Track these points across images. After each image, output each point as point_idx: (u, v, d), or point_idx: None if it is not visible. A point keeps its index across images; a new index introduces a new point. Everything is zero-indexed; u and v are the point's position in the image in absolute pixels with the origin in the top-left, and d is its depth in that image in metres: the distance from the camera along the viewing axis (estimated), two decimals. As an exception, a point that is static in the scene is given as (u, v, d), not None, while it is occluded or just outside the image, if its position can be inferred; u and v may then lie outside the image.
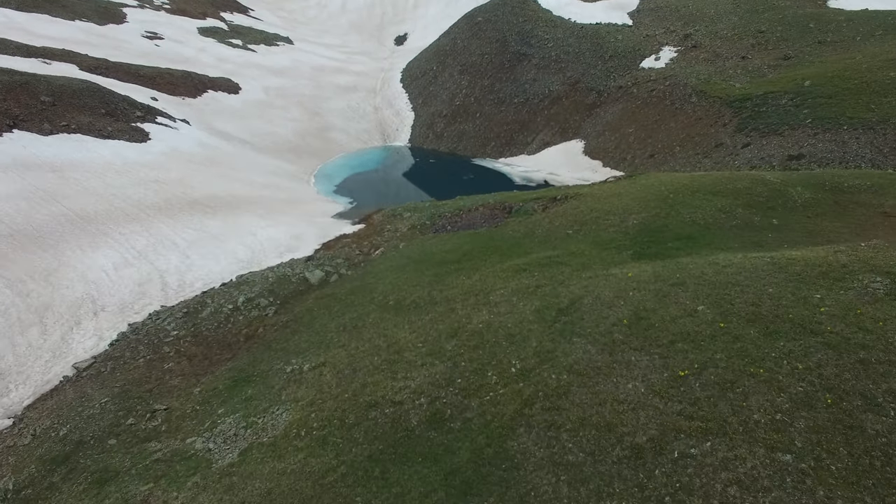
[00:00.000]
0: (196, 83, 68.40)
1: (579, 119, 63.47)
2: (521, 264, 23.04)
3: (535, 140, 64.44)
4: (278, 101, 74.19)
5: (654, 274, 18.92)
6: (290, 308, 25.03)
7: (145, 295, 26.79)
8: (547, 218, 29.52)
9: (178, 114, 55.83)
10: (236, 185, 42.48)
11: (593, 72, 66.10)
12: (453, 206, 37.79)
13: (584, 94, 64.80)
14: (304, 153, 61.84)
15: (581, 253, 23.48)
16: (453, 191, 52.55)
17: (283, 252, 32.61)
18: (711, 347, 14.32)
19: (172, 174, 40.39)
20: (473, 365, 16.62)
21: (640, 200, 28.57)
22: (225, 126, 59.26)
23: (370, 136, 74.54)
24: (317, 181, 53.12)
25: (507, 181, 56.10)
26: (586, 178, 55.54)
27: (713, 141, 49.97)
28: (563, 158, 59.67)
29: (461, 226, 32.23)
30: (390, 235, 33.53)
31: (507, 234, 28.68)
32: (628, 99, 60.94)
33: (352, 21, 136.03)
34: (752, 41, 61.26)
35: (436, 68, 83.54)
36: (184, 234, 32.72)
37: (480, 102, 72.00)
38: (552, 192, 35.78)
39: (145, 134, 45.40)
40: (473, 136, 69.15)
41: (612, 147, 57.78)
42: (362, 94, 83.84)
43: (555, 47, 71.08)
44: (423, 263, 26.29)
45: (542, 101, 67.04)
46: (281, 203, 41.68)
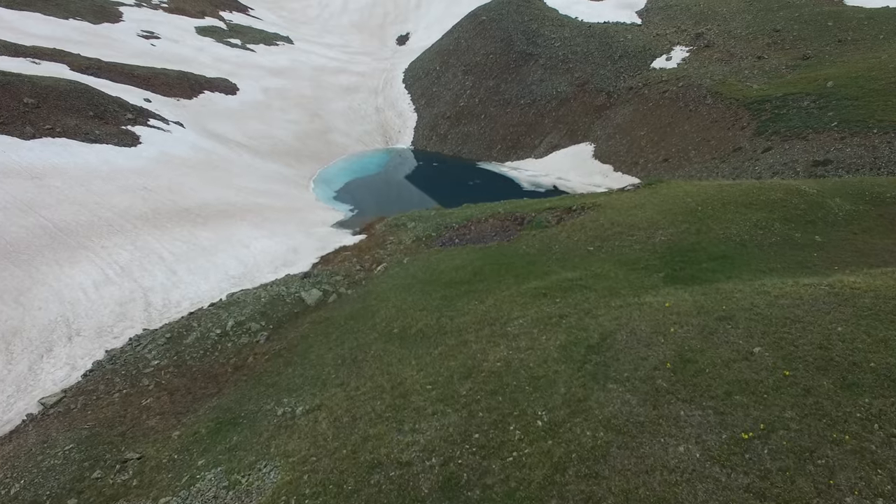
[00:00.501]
0: (192, 84, 66.00)
1: (588, 121, 61.00)
2: (541, 288, 20.62)
3: (543, 143, 61.97)
4: (277, 102, 71.79)
5: (696, 304, 16.50)
6: (284, 333, 22.62)
7: (126, 317, 24.39)
8: (564, 232, 27.08)
9: (173, 116, 53.42)
10: (230, 192, 40.07)
11: (602, 72, 63.62)
12: (460, 216, 35.36)
13: (594, 96, 62.33)
14: (304, 156, 59.43)
15: (606, 275, 21.04)
16: (459, 197, 50.06)
17: (279, 267, 30.21)
18: (778, 402, 11.86)
19: (162, 181, 38.00)
20: (492, 415, 14.21)
21: (665, 213, 26.14)
22: (221, 128, 56.86)
23: (372, 139, 72.11)
24: (316, 186, 50.70)
25: (514, 186, 53.66)
26: (597, 183, 53.11)
27: (731, 145, 47.50)
28: (572, 162, 57.21)
29: (470, 239, 29.79)
30: (393, 248, 31.11)
31: (520, 249, 26.24)
32: (639, 100, 58.47)
33: (353, 21, 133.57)
34: (768, 40, 58.75)
35: (439, 68, 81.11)
36: (172, 246, 30.32)
37: (485, 103, 69.54)
38: (566, 202, 33.33)
39: (135, 137, 43.01)
40: (478, 139, 66.69)
41: (623, 150, 55.31)
42: (364, 95, 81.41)
43: (562, 47, 68.60)
44: (431, 283, 23.86)
45: (549, 102, 64.56)
46: (277, 211, 39.27)
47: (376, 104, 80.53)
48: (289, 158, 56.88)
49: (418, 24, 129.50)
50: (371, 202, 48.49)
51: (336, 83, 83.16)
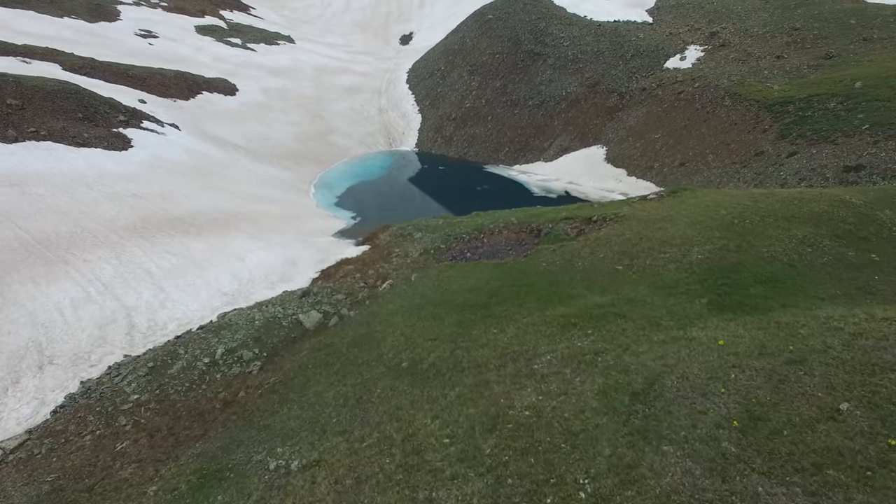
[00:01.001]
0: (190, 84, 63.63)
1: (600, 123, 58.50)
2: (568, 315, 18.19)
3: (553, 146, 59.50)
4: (278, 102, 69.39)
5: (755, 342, 14.12)
6: (280, 363, 20.21)
7: (106, 341, 22.00)
8: (586, 247, 24.62)
9: (168, 117, 51.04)
10: (226, 199, 37.67)
11: (614, 72, 61.13)
12: (471, 226, 32.92)
13: (605, 97, 59.84)
14: (304, 159, 57.02)
15: (641, 300, 18.60)
16: (466, 203, 47.52)
17: (275, 282, 27.81)
18: (888, 485, 9.42)
19: (153, 187, 35.60)
20: (524, 483, 11.79)
21: (698, 227, 23.68)
22: (218, 130, 54.46)
23: (375, 141, 69.68)
24: (317, 192, 48.27)
25: (524, 192, 51.20)
26: (610, 188, 50.64)
27: (752, 149, 45.00)
28: (583, 166, 54.73)
29: (483, 253, 27.34)
30: (399, 262, 28.66)
31: (540, 266, 23.79)
32: (653, 102, 55.98)
33: (356, 20, 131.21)
34: (787, 39, 56.22)
35: (444, 68, 78.69)
36: (160, 260, 27.92)
37: (492, 105, 67.08)
38: (585, 211, 30.87)
39: (127, 141, 40.62)
40: (485, 141, 64.23)
41: (637, 154, 52.82)
42: (367, 96, 79.00)
43: (571, 46, 66.12)
44: (442, 306, 21.43)
45: (558, 103, 62.08)
46: (275, 219, 36.86)
47: (379, 105, 78.13)
48: (289, 161, 54.46)
49: (422, 23, 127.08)
50: (374, 209, 46.06)
51: (338, 83, 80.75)
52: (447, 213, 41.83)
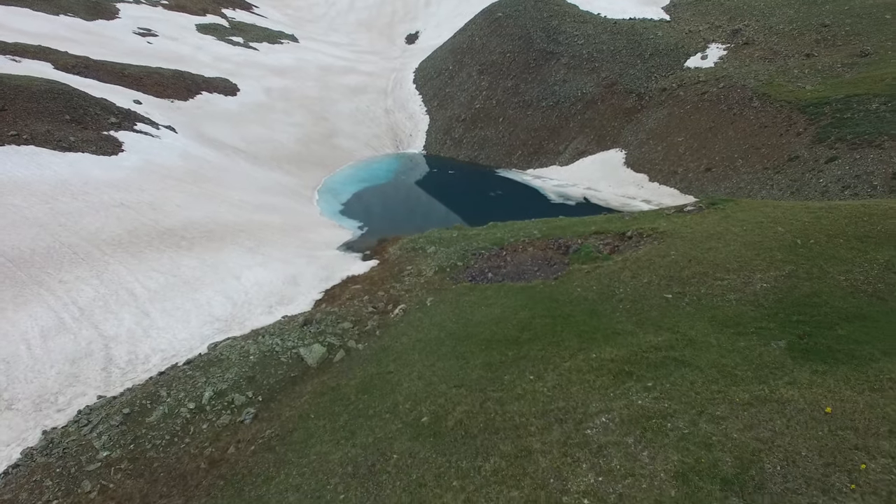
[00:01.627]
0: (188, 84, 60.70)
1: (618, 125, 55.35)
2: (619, 360, 15.15)
3: (568, 149, 56.37)
4: (280, 103, 66.40)
5: (876, 412, 11.20)
6: (277, 409, 17.21)
7: (78, 379, 19.04)
8: (626, 269, 21.51)
9: (164, 119, 48.10)
10: (223, 208, 34.66)
11: (632, 72, 57.95)
12: (489, 238, 29.86)
13: (623, 98, 56.68)
14: (307, 163, 54.01)
15: (705, 341, 15.52)
16: (480, 210, 44.61)
17: (274, 305, 24.80)
18: None
19: (144, 195, 32.63)
20: None
21: (756, 248, 20.56)
22: (218, 133, 51.49)
23: (381, 143, 66.65)
24: (320, 198, 45.25)
25: (540, 198, 48.06)
26: (631, 194, 47.50)
27: (785, 153, 41.82)
28: (601, 171, 51.59)
29: (507, 274, 24.26)
30: (412, 282, 25.62)
31: (574, 292, 20.70)
32: (675, 103, 52.79)
33: (361, 19, 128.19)
34: (816, 36, 52.96)
35: (452, 68, 75.58)
36: (147, 279, 24.94)
37: (503, 105, 63.96)
38: (616, 225, 27.77)
39: (117, 145, 37.67)
40: (496, 144, 61.12)
41: (658, 158, 49.66)
42: (372, 96, 75.97)
43: (586, 45, 62.94)
44: (466, 341, 18.40)
45: (574, 104, 58.93)
46: (276, 231, 33.83)
47: (385, 106, 75.10)
48: (291, 166, 51.46)
49: (428, 22, 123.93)
50: (382, 217, 43.00)
51: (343, 83, 77.74)
52: (460, 222, 38.83)
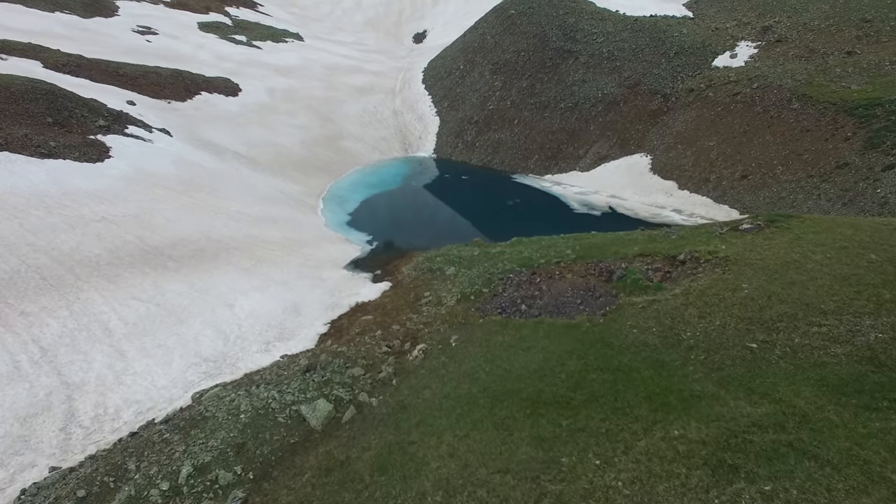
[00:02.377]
0: (187, 84, 57.16)
1: (642, 129, 51.52)
2: (712, 442, 11.46)
3: (589, 153, 52.56)
4: (284, 104, 62.81)
5: None
6: (272, 493, 13.57)
7: (28, 444, 15.47)
8: (689, 306, 17.78)
9: (159, 121, 44.56)
10: (217, 222, 31.05)
11: (656, 71, 54.10)
12: (516, 258, 26.18)
13: (647, 99, 52.84)
14: (312, 168, 50.38)
15: (824, 418, 11.80)
16: (499, 221, 40.85)
17: (272, 341, 21.19)
18: None
19: (130, 207, 29.06)
20: None
21: (851, 283, 16.78)
22: (216, 136, 47.89)
23: (389, 146, 63.00)
24: (325, 207, 41.55)
25: (561, 207, 44.26)
26: (660, 203, 43.69)
27: (832, 160, 37.97)
28: (626, 177, 47.79)
29: (544, 306, 20.54)
30: (432, 313, 21.96)
31: (630, 335, 17.00)
32: (704, 104, 48.93)
33: (367, 18, 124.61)
34: (857, 32, 49.01)
35: (463, 67, 71.87)
36: (125, 309, 21.37)
37: (518, 107, 60.20)
38: (663, 246, 24.02)
39: (104, 150, 34.11)
40: (512, 147, 57.35)
41: (688, 164, 45.83)
42: (380, 97, 72.29)
43: (606, 43, 59.11)
44: (505, 400, 14.75)
45: (594, 106, 55.12)
46: (276, 247, 30.19)
47: (394, 107, 71.42)
48: (294, 171, 47.82)
49: (435, 21, 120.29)
50: (393, 228, 39.25)
51: (349, 83, 74.09)
52: (479, 235, 35.10)
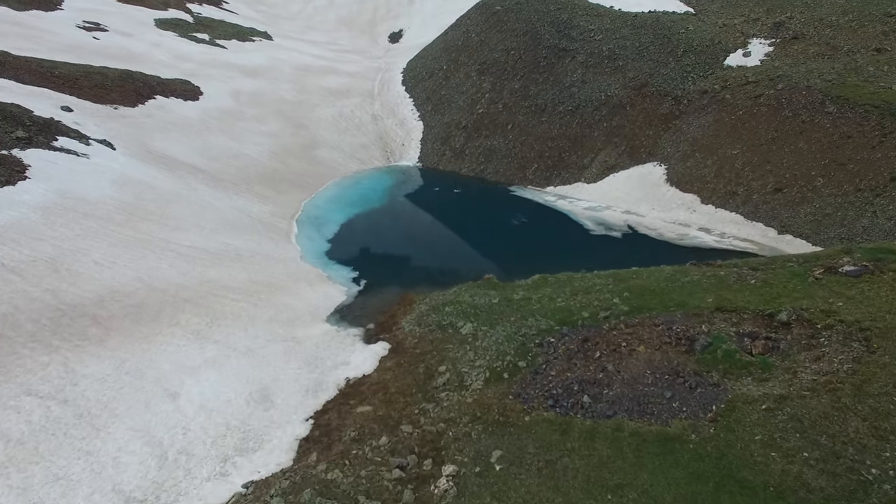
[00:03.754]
0: (139, 86, 49.54)
1: (653, 134, 46.00)
2: None
3: (595, 162, 46.81)
4: (251, 109, 55.58)
5: None
6: None
7: None
8: (851, 413, 11.90)
9: (100, 131, 37.15)
10: (164, 262, 24.10)
11: (664, 71, 48.66)
12: (549, 310, 20.06)
13: (657, 101, 47.35)
14: (284, 183, 43.42)
15: None
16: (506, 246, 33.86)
17: (231, 455, 14.64)
18: None
19: (44, 248, 21.95)
20: None
21: None
22: (170, 147, 40.55)
23: (369, 154, 56.36)
24: (300, 232, 34.69)
25: (573, 227, 38.18)
26: (682, 220, 38.13)
27: (885, 170, 32.92)
28: (639, 190, 42.18)
29: (617, 399, 14.33)
30: (453, 402, 15.66)
31: (769, 465, 11.04)
32: (721, 108, 43.63)
33: (340, 16, 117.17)
34: (882, 28, 44.35)
35: (446, 68, 65.49)
36: (10, 416, 14.53)
37: (512, 110, 54.16)
38: (746, 297, 18.11)
39: (18, 169, 26.76)
40: (507, 156, 51.26)
41: (710, 175, 40.43)
42: (357, 100, 65.45)
43: (605, 40, 53.51)
44: None
45: (597, 109, 49.40)
46: (239, 295, 23.41)
47: (373, 111, 64.70)
48: (263, 187, 40.80)
49: (412, 20, 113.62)
50: (382, 259, 32.45)
51: (323, 85, 67.04)
52: (486, 266, 28.92)
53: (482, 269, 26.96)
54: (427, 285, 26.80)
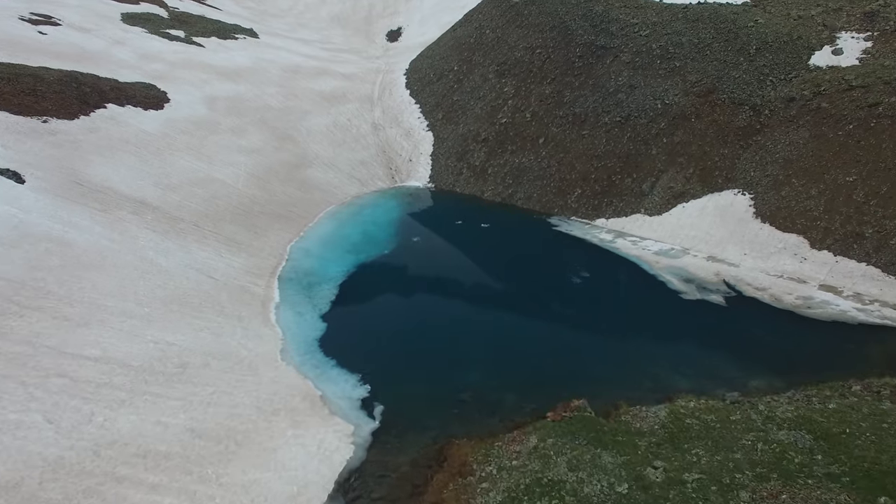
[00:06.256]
0: (85, 92, 38.82)
1: (729, 153, 35.90)
2: None
3: (656, 188, 36.61)
4: (228, 119, 45.02)
5: None
6: None
7: None
8: None
9: (9, 155, 26.54)
10: (35, 412, 13.67)
11: (735, 74, 38.53)
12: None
13: (730, 112, 37.24)
14: (264, 217, 32.94)
15: None
16: (567, 320, 23.37)
17: None
18: None
19: None
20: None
21: None
22: (112, 174, 29.92)
23: (371, 173, 46.00)
24: (283, 297, 24.15)
25: (652, 284, 27.77)
26: (790, 271, 28.04)
27: None
28: (721, 226, 32.09)
29: None
30: None
31: None
32: (819, 120, 33.63)
33: (334, 13, 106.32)
34: None
35: (458, 68, 55.12)
36: None
37: (543, 121, 43.89)
38: None
39: None
40: (540, 177, 40.98)
41: (817, 209, 30.40)
42: (355, 106, 54.98)
43: (654, 36, 43.32)
44: None
45: (653, 121, 39.22)
46: (162, 472, 13.01)
47: (373, 119, 54.25)
48: (236, 226, 30.30)
49: (411, 17, 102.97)
50: (400, 353, 21.50)
51: (315, 89, 56.45)
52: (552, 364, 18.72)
53: (545, 370, 16.79)
54: (476, 411, 16.54)
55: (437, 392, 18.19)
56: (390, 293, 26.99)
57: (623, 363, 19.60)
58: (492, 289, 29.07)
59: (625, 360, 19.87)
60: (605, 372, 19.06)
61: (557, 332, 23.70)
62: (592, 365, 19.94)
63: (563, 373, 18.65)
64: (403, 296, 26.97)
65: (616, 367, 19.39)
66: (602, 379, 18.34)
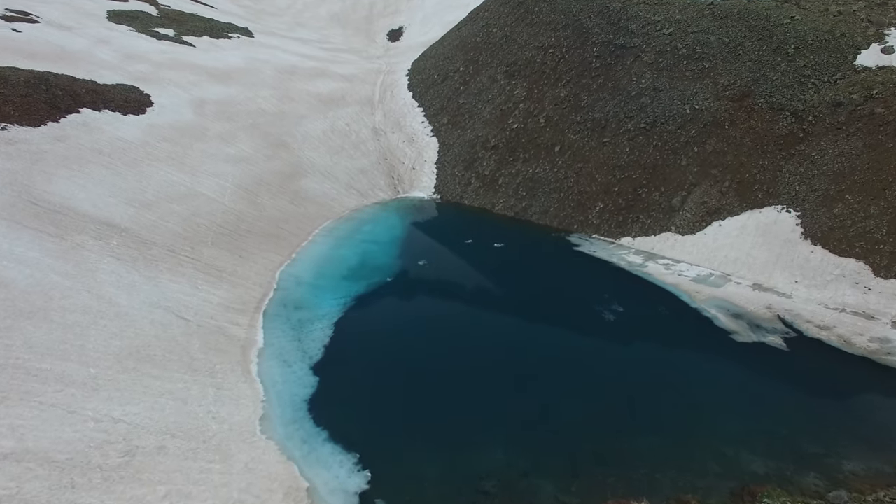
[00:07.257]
0: (56, 96, 34.90)
1: (770, 165, 31.97)
2: None
3: (687, 202, 32.68)
4: (217, 124, 41.10)
5: None
6: None
7: None
8: None
9: (-46, 172, 22.65)
10: None
11: (773, 76, 34.60)
12: None
13: (768, 118, 33.30)
14: (251, 236, 29.05)
15: None
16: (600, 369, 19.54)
17: None
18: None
19: None
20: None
21: None
22: (77, 191, 26.00)
23: (371, 182, 42.08)
24: (268, 340, 20.19)
25: (694, 319, 23.84)
26: (854, 304, 24.13)
27: None
28: (764, 248, 28.18)
29: None
30: None
31: None
32: (873, 127, 29.75)
33: (333, 12, 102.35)
34: None
35: (464, 69, 51.17)
36: None
37: (558, 126, 39.95)
38: None
39: None
40: (557, 189, 37.05)
41: (880, 230, 26.49)
42: (354, 110, 51.01)
43: (679, 35, 39.36)
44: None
45: (681, 127, 35.27)
46: None
47: (373, 123, 50.27)
48: (218, 249, 26.44)
49: (412, 16, 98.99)
50: (406, 418, 17.49)
51: (312, 91, 52.47)
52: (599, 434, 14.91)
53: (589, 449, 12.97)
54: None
55: (453, 478, 14.30)
56: (393, 335, 22.96)
57: (679, 435, 15.80)
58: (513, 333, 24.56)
59: (681, 431, 16.05)
60: (658, 447, 15.25)
61: (596, 391, 19.41)
62: (642, 437, 16.03)
63: (608, 449, 14.83)
64: (409, 338, 22.88)
65: (672, 440, 15.58)
66: (657, 459, 14.55)
